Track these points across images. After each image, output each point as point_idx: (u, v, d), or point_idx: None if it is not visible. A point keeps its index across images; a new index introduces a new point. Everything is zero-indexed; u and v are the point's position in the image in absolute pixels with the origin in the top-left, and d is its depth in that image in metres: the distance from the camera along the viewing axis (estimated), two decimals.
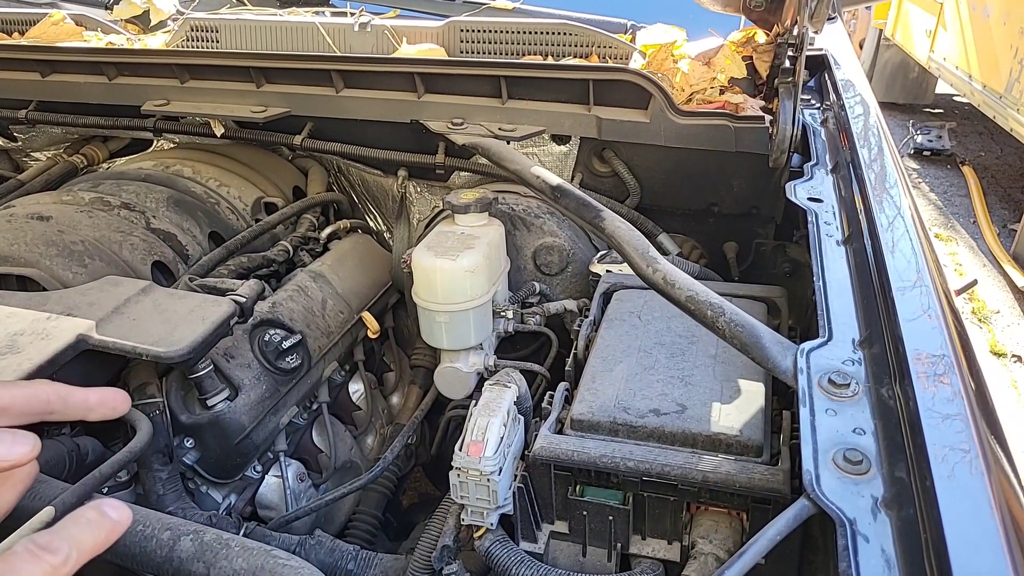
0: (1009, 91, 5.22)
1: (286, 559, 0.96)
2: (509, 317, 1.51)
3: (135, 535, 1.01)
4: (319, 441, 1.49)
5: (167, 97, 1.80)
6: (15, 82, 1.95)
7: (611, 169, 1.69)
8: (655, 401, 1.04)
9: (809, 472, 0.70)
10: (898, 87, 7.97)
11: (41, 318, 1.16)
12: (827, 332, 0.89)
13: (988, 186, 6.13)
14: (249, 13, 2.24)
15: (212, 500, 1.31)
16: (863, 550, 0.62)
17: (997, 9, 5.48)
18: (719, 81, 1.66)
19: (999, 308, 4.53)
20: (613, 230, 1.13)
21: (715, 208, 1.68)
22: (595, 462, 0.96)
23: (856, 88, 1.60)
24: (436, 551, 1.05)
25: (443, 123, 1.62)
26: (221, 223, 1.73)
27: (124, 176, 1.76)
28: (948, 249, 5.22)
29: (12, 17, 2.27)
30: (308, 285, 1.55)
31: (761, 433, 0.97)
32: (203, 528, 0.99)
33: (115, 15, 2.34)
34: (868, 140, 1.33)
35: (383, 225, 2.09)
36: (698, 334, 1.17)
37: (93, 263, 1.40)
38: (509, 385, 1.06)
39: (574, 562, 1.04)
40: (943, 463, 0.65)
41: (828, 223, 1.12)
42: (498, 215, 1.57)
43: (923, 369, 0.76)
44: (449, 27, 1.93)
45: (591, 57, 1.85)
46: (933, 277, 0.95)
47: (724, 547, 0.94)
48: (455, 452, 0.98)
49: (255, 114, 1.71)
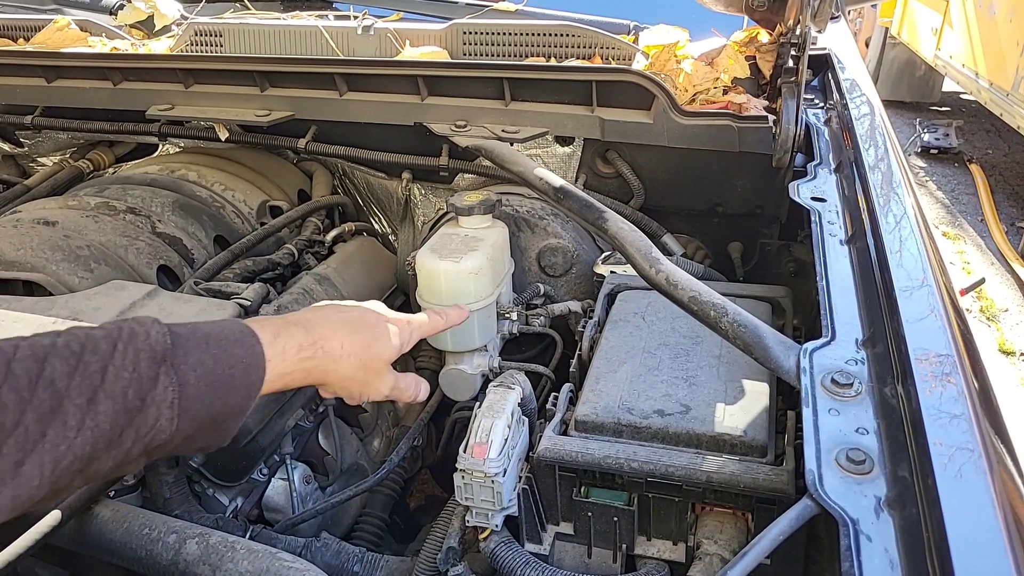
0: (1016, 88, 5.20)
1: (292, 561, 0.96)
2: (513, 319, 1.51)
3: (141, 538, 1.02)
4: (325, 444, 1.49)
5: (172, 102, 1.81)
6: (21, 88, 1.96)
7: (615, 170, 1.69)
8: (659, 402, 1.04)
9: (812, 472, 0.70)
10: (904, 85, 7.93)
11: (47, 323, 1.16)
12: (830, 332, 0.89)
13: (996, 184, 6.10)
14: (253, 17, 2.25)
15: (219, 503, 1.32)
16: (866, 550, 0.62)
17: (1003, 6, 5.45)
18: (722, 81, 1.66)
19: (1007, 306, 4.51)
20: (616, 231, 1.13)
21: (719, 208, 1.68)
22: (599, 463, 0.96)
23: (859, 87, 1.60)
24: (441, 553, 1.05)
25: (447, 125, 1.62)
26: (226, 227, 1.73)
27: (129, 181, 1.77)
28: (956, 247, 5.19)
29: (17, 23, 2.28)
30: (313, 288, 1.56)
31: (765, 433, 0.97)
32: (209, 531, 1.00)
33: (119, 20, 2.36)
34: (871, 139, 1.33)
35: (388, 228, 2.09)
36: (702, 335, 1.17)
37: (99, 268, 1.41)
38: (513, 387, 1.06)
39: (579, 563, 1.03)
40: (946, 463, 0.64)
41: (831, 223, 1.12)
42: (502, 217, 1.57)
43: (926, 369, 0.76)
44: (452, 30, 1.94)
45: (594, 58, 1.85)
46: (936, 276, 0.94)
47: (729, 548, 0.94)
48: (459, 454, 0.98)
49: (259, 118, 1.72)
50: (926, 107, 8.02)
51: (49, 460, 0.62)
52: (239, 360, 0.78)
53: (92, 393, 0.65)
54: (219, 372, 0.75)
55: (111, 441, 0.66)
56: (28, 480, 0.61)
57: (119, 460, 0.68)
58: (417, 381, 1.08)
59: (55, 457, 0.63)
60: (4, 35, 2.28)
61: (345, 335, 0.93)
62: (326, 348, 0.90)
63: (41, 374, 0.63)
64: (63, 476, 0.64)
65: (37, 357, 0.64)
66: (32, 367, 0.63)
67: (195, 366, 0.73)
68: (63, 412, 0.64)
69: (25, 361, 0.63)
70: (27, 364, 0.63)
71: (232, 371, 0.77)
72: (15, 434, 0.61)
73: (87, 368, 0.66)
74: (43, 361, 0.64)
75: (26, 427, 0.61)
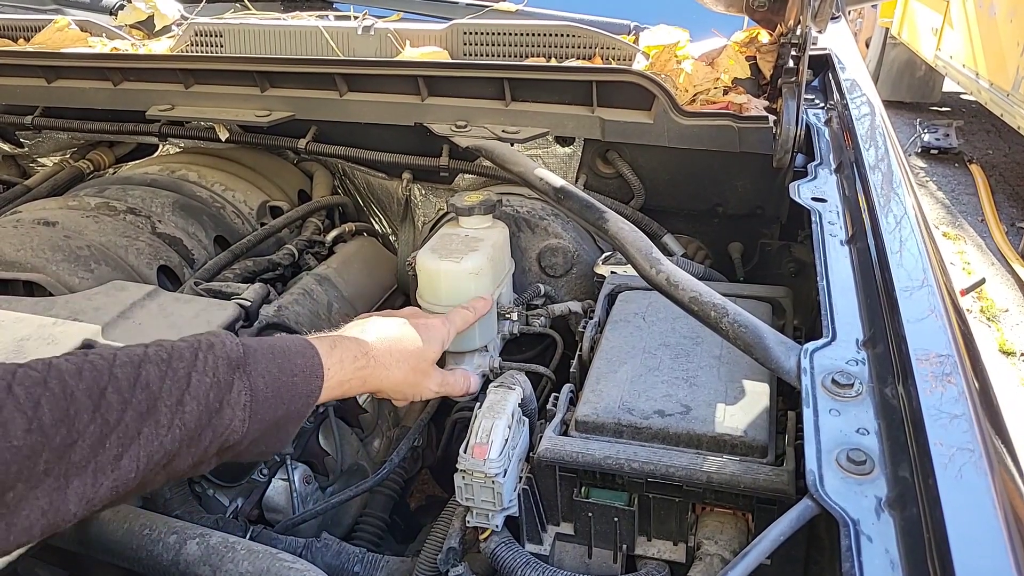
0: (1016, 89, 5.20)
1: (292, 562, 0.96)
2: (514, 319, 1.51)
3: (141, 539, 1.02)
4: (325, 444, 1.49)
5: (172, 102, 1.81)
6: (21, 88, 1.96)
7: (615, 170, 1.69)
8: (660, 402, 1.04)
9: (812, 472, 0.70)
10: (905, 85, 7.93)
11: (47, 323, 1.16)
12: (831, 332, 0.89)
13: (996, 184, 6.10)
14: (253, 18, 2.25)
15: (219, 504, 1.32)
16: (867, 550, 0.62)
17: (1003, 6, 5.45)
18: (722, 81, 1.66)
19: (1008, 307, 4.51)
20: (616, 231, 1.13)
21: (720, 208, 1.68)
22: (600, 464, 0.96)
23: (860, 87, 1.60)
24: (442, 553, 1.05)
25: (447, 126, 1.62)
26: (226, 227, 1.73)
27: (130, 181, 1.77)
28: (956, 248, 5.19)
29: (17, 23, 2.28)
30: (314, 288, 1.56)
31: (766, 434, 0.97)
32: (209, 531, 1.00)
33: (119, 20, 2.36)
34: (872, 139, 1.33)
35: (388, 228, 2.09)
36: (702, 335, 1.17)
37: (99, 268, 1.41)
38: (514, 387, 1.06)
39: (580, 564, 1.03)
40: (946, 463, 0.64)
41: (832, 223, 1.12)
42: (502, 217, 1.57)
43: (927, 369, 0.76)
44: (452, 30, 1.94)
45: (594, 59, 1.85)
46: (937, 276, 0.94)
47: (730, 548, 0.94)
48: (460, 454, 0.98)
49: (259, 118, 1.72)
50: (926, 107, 8.02)
51: (144, 455, 0.71)
52: (300, 369, 0.87)
53: (180, 395, 0.74)
54: (284, 380, 0.84)
55: (192, 440, 0.75)
56: (126, 472, 0.70)
57: (197, 458, 0.77)
58: (465, 376, 1.23)
59: (149, 452, 0.71)
60: (4, 35, 2.28)
61: (393, 343, 1.03)
62: (378, 358, 1.00)
63: (138, 378, 0.72)
64: (153, 470, 0.72)
65: (134, 363, 0.73)
66: (131, 372, 0.72)
67: (264, 373, 0.82)
68: (157, 412, 0.72)
69: (125, 367, 0.72)
70: (127, 369, 0.72)
71: (295, 379, 0.86)
72: (117, 430, 0.69)
73: (176, 373, 0.75)
74: (139, 367, 0.73)
75: (126, 424, 0.70)
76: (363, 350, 0.98)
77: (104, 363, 0.71)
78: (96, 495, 0.68)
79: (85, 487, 0.67)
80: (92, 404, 0.68)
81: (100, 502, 0.69)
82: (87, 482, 0.67)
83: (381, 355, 1.00)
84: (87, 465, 0.67)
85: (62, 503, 0.66)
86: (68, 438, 0.66)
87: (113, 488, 0.69)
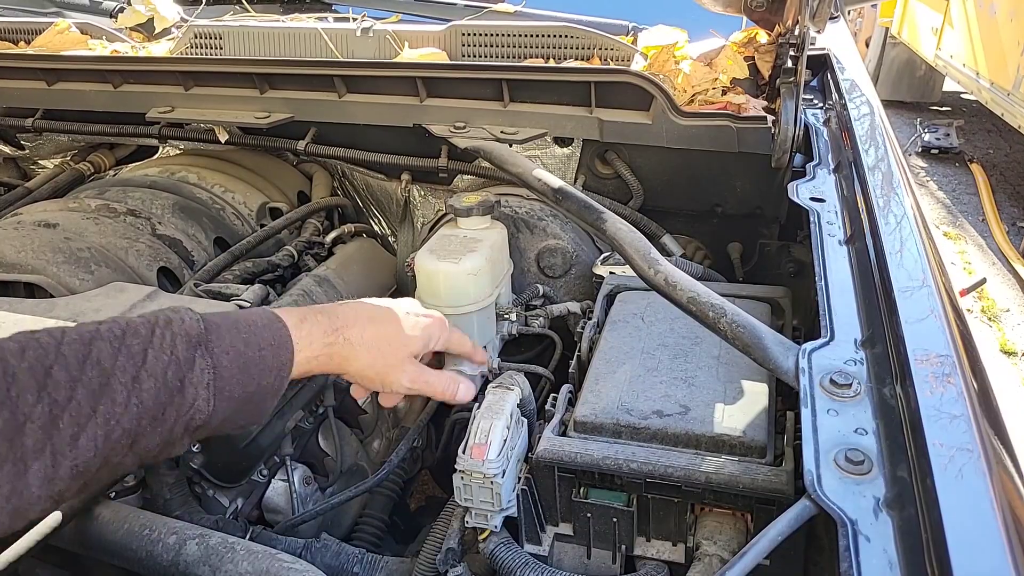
0: (1017, 88, 5.20)
1: (291, 562, 0.96)
2: (513, 320, 1.51)
3: (141, 539, 1.02)
4: (325, 445, 1.49)
5: (172, 104, 1.81)
6: (21, 91, 1.96)
7: (614, 171, 1.69)
8: (658, 402, 1.04)
9: (810, 472, 0.70)
10: (905, 85, 7.92)
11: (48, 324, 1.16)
12: (829, 332, 0.89)
13: (997, 184, 6.09)
14: (252, 20, 2.25)
15: (219, 504, 1.32)
16: (864, 550, 0.62)
17: (1004, 6, 5.45)
18: (721, 82, 1.66)
19: (1008, 306, 4.50)
20: (615, 232, 1.13)
21: (718, 209, 1.68)
22: (598, 464, 0.96)
23: (859, 87, 1.60)
24: (441, 554, 1.05)
25: (445, 127, 1.62)
26: (226, 228, 1.73)
27: (130, 183, 1.77)
28: (957, 247, 5.19)
29: (18, 26, 2.29)
30: (313, 290, 1.56)
31: (764, 434, 0.97)
32: (209, 532, 1.00)
33: (119, 23, 2.36)
34: (871, 139, 1.33)
35: (387, 229, 2.09)
36: (701, 335, 1.17)
37: (99, 270, 1.41)
38: (512, 387, 1.06)
39: (578, 564, 1.03)
40: (945, 463, 0.64)
41: (830, 223, 1.12)
42: (501, 218, 1.57)
43: (925, 369, 0.76)
44: (451, 31, 1.94)
45: (593, 59, 1.85)
46: (936, 276, 0.94)
47: (729, 548, 0.94)
48: (458, 455, 0.98)
49: (259, 120, 1.72)
50: (926, 107, 8.01)
51: (102, 433, 0.69)
52: (268, 342, 0.84)
53: (136, 372, 0.72)
54: (250, 354, 0.81)
55: (155, 418, 0.73)
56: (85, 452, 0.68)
57: (165, 438, 0.75)
58: (453, 380, 1.11)
59: (107, 431, 0.69)
60: (5, 38, 2.29)
61: (366, 325, 0.98)
62: (346, 335, 0.95)
63: (88, 355, 0.70)
64: (116, 450, 0.71)
65: (83, 340, 0.71)
66: (80, 349, 0.70)
67: (227, 349, 0.79)
68: (111, 389, 0.70)
69: (73, 344, 0.70)
70: (75, 347, 0.70)
71: (262, 353, 0.83)
72: (69, 408, 0.67)
73: (129, 350, 0.73)
74: (89, 344, 0.71)
75: (78, 402, 0.68)
76: (334, 326, 0.94)
77: (51, 341, 0.70)
78: (57, 475, 0.67)
79: (46, 468, 0.66)
80: (36, 383, 0.66)
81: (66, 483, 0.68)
82: (47, 463, 0.66)
83: (351, 335, 0.95)
84: (43, 447, 0.66)
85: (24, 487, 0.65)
86: (13, 420, 0.64)
87: (74, 468, 0.68)
